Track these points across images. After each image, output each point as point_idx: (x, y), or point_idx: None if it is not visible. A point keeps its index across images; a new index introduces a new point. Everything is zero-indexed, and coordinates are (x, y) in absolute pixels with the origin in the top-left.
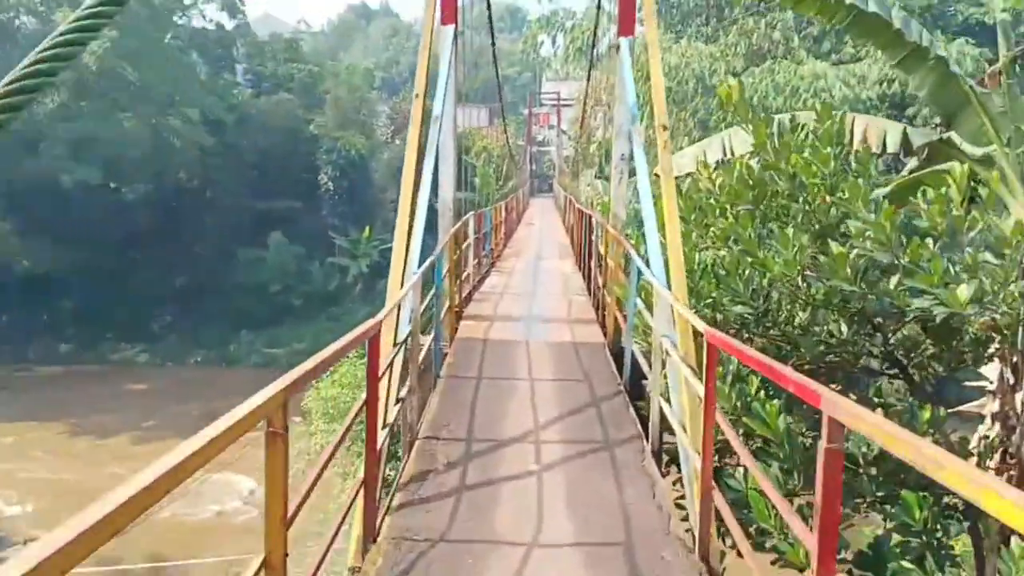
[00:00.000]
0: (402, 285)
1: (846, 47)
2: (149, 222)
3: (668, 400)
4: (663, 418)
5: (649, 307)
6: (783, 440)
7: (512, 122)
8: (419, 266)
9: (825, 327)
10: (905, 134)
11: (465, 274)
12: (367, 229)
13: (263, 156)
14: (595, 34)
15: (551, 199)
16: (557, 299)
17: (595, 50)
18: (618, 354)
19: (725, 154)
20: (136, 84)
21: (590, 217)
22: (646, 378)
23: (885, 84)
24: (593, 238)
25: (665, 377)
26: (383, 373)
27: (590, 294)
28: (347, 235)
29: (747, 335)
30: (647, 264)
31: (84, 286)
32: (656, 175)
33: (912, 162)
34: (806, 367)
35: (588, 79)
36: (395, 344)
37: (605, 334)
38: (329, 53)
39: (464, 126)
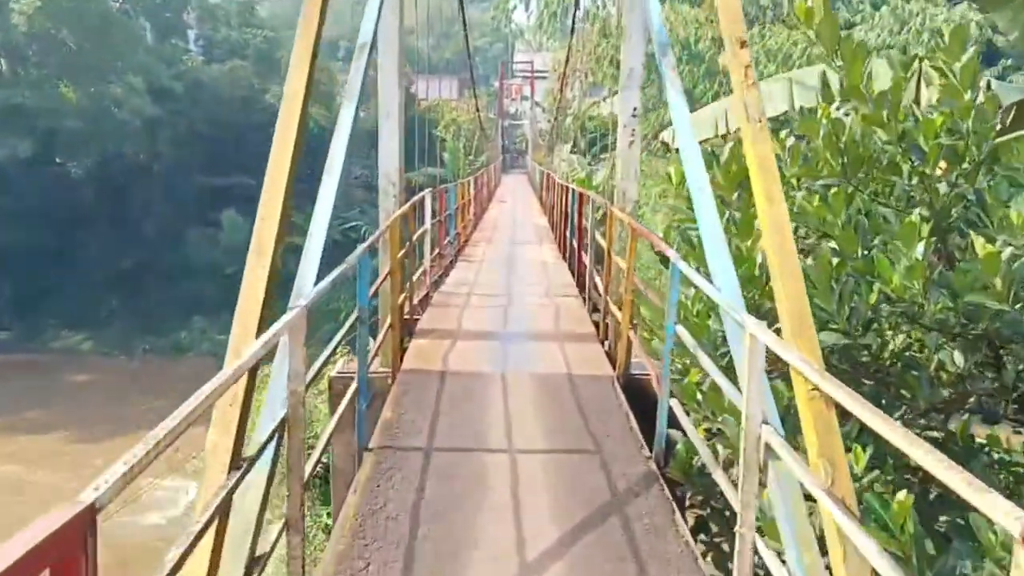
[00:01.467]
0: (260, 332)
1: (842, 12)
2: (94, 199)
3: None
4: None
5: (688, 328)
6: (912, 554)
7: (483, 95)
8: (317, 282)
9: (936, 356)
10: (989, 89)
11: (420, 272)
12: None
13: (215, 128)
14: None
15: (524, 175)
16: (540, 301)
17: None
18: (627, 386)
19: None
20: (72, 48)
21: (580, 195)
22: (677, 426)
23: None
24: (585, 223)
25: (762, 495)
26: (208, 524)
27: (581, 292)
28: (305, 212)
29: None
30: (699, 274)
31: (24, 268)
32: (695, 146)
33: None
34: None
35: (572, 32)
36: (236, 464)
37: (610, 358)
38: (291, 20)
39: (431, 97)
